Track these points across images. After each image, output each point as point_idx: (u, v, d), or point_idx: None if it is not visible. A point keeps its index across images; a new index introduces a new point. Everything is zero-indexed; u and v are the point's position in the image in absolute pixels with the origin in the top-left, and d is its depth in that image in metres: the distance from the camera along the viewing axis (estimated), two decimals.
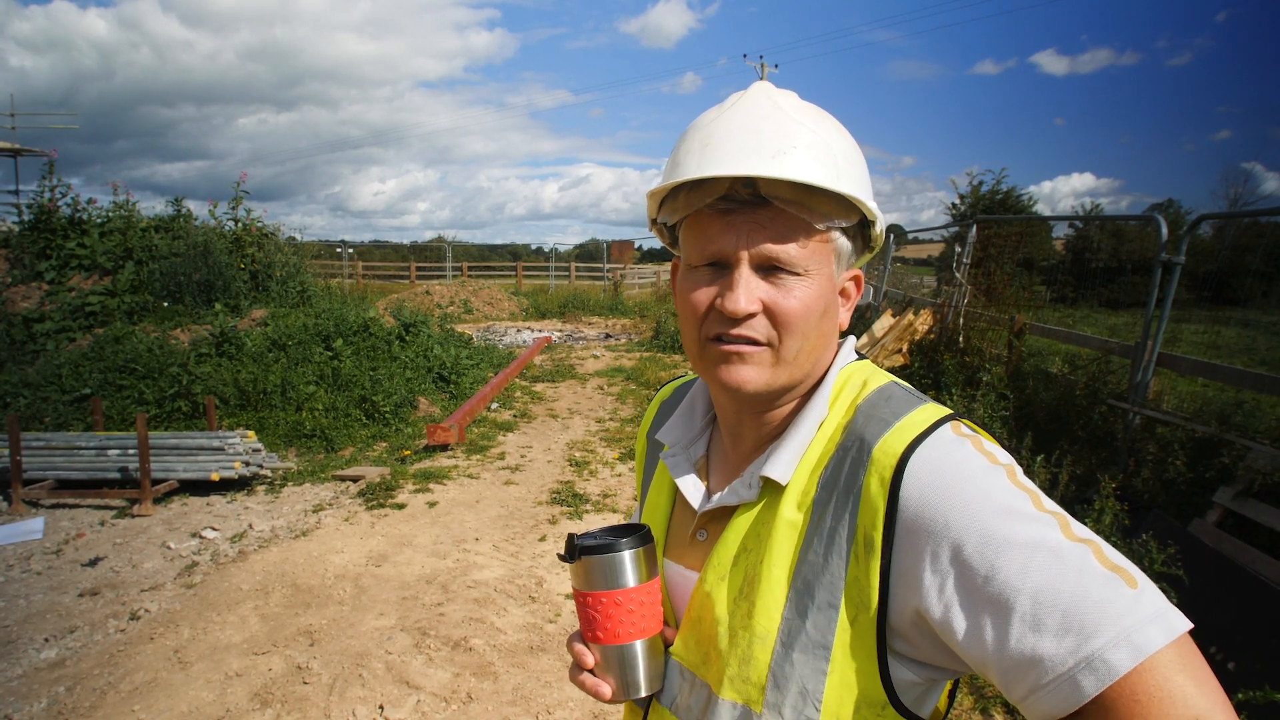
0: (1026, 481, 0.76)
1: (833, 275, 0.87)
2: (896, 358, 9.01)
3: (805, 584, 0.82)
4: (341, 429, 8.36)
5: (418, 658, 3.88)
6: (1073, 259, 30.72)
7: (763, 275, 0.83)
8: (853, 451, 0.82)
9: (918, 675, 0.81)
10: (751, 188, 0.81)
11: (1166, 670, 0.63)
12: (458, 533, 5.63)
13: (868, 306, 12.94)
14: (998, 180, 26.72)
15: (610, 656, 0.92)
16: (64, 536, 5.74)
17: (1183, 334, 14.12)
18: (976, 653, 0.71)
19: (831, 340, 0.91)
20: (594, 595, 0.91)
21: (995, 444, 0.81)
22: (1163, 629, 0.65)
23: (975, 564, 0.71)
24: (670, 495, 1.04)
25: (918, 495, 0.75)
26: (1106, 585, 0.67)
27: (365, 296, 17.33)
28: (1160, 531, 3.91)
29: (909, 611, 0.76)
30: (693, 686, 0.91)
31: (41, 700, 3.61)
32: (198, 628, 4.23)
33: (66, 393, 8.57)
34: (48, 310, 10.61)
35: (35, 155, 14.75)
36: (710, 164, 0.81)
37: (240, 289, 11.31)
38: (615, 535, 0.93)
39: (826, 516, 0.82)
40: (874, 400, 0.86)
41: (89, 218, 11.82)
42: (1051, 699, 0.66)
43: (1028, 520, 0.71)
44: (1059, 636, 0.66)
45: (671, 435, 1.05)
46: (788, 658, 0.81)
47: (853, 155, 0.86)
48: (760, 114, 0.84)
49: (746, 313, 0.82)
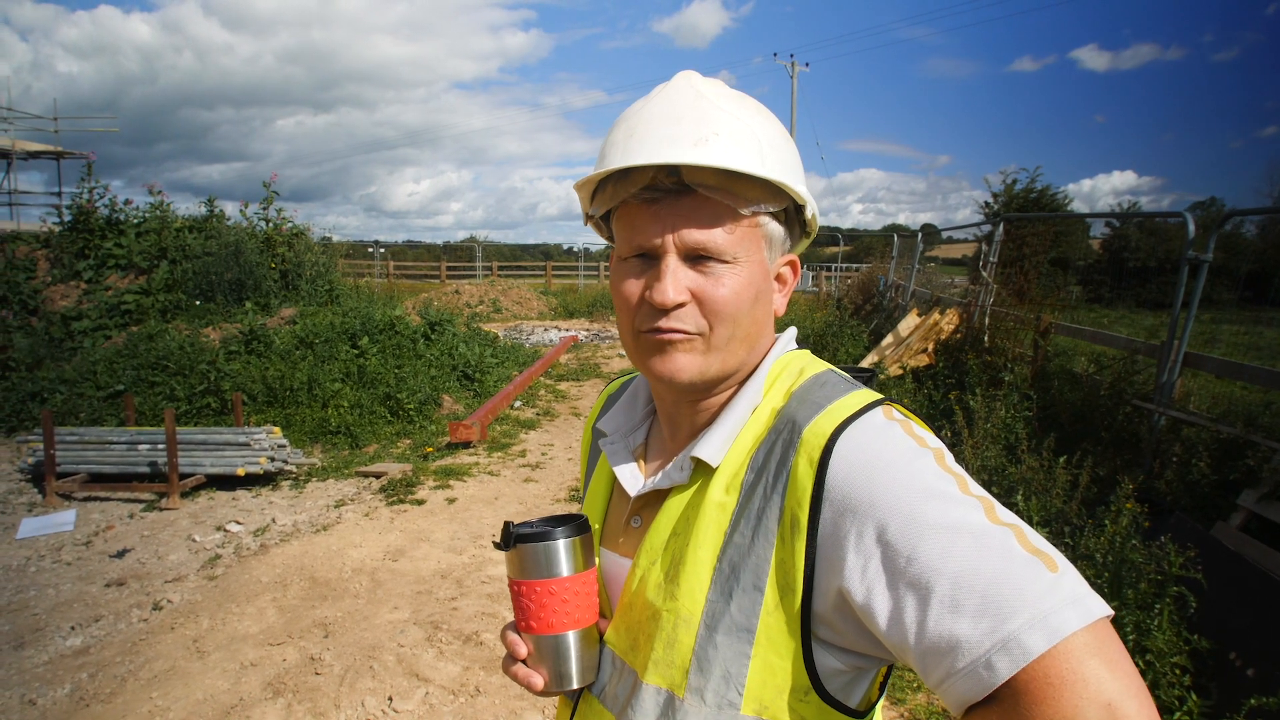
0: (955, 466, 0.76)
1: (764, 262, 0.86)
2: (922, 357, 8.92)
3: (731, 566, 0.81)
4: (366, 426, 8.46)
5: (429, 651, 3.92)
6: (1110, 259, 30.18)
7: (691, 264, 0.83)
8: (784, 434, 0.82)
9: (842, 663, 0.80)
10: (675, 176, 0.81)
11: (1081, 654, 0.62)
12: (475, 529, 5.68)
13: (892, 306, 12.82)
14: (1032, 179, 26.30)
15: (544, 647, 0.91)
16: (94, 528, 5.88)
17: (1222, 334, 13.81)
18: (897, 636, 0.70)
19: (765, 327, 0.91)
20: (528, 584, 0.90)
21: (927, 429, 0.81)
22: (1079, 613, 0.64)
23: (898, 545, 0.70)
24: (609, 484, 1.04)
25: (845, 476, 0.75)
26: (1026, 568, 0.66)
27: (394, 295, 17.51)
28: (1181, 534, 3.83)
29: (833, 594, 0.75)
30: (621, 673, 0.90)
31: (65, 686, 3.71)
32: (217, 618, 4.31)
33: (101, 389, 8.78)
34: (85, 309, 10.88)
35: (77, 158, 15.12)
36: (633, 154, 0.81)
37: (270, 288, 11.49)
38: (552, 524, 0.92)
39: (755, 498, 0.81)
40: (808, 386, 0.86)
41: (126, 218, 12.10)
42: (967, 682, 0.66)
43: (953, 503, 0.71)
44: (976, 619, 0.65)
45: (612, 424, 1.05)
46: (711, 640, 0.81)
47: (778, 140, 0.85)
48: (683, 102, 0.83)
49: (675, 303, 0.82)
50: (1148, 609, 3.24)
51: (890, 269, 14.80)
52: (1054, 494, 4.18)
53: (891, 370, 8.81)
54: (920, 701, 3.42)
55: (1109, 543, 3.57)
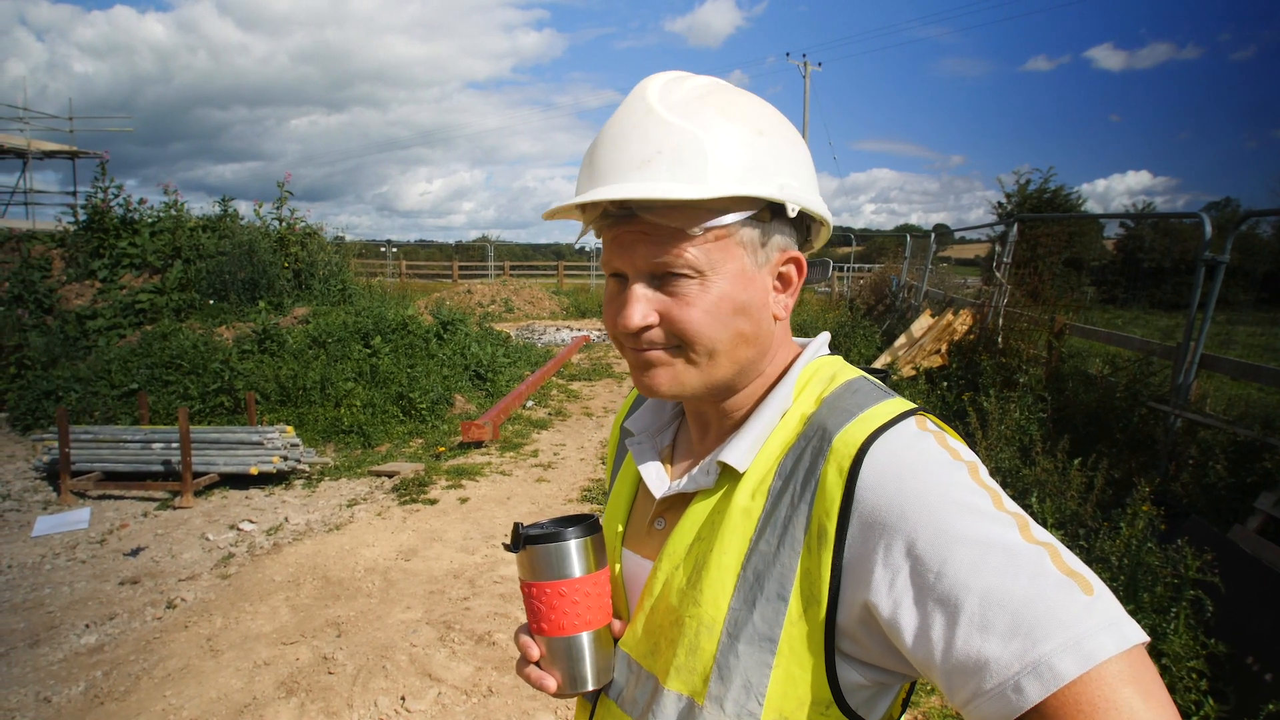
0: (989, 480, 0.75)
1: (743, 270, 0.82)
2: (935, 358, 8.88)
3: (755, 574, 0.80)
4: (378, 425, 8.49)
5: (441, 651, 3.93)
6: (1124, 259, 29.96)
7: (657, 285, 0.82)
8: (814, 441, 0.80)
9: (865, 678, 0.79)
10: (625, 206, 0.80)
11: (1114, 681, 0.61)
12: (487, 529, 5.68)
13: (905, 307, 12.77)
14: (1045, 179, 26.14)
15: (556, 649, 0.90)
16: (108, 527, 5.92)
17: (1238, 336, 13.70)
18: (923, 653, 0.69)
19: (758, 336, 0.86)
20: (538, 585, 0.89)
21: (960, 441, 0.79)
22: (1114, 638, 0.62)
23: (928, 559, 0.69)
24: (634, 484, 1.03)
25: (875, 486, 0.74)
26: (1060, 590, 0.65)
27: (406, 295, 17.55)
28: (1197, 537, 3.79)
29: (858, 607, 0.74)
30: (639, 678, 0.90)
31: (80, 684, 3.73)
32: (230, 617, 4.33)
33: (115, 388, 8.84)
34: (100, 308, 10.95)
35: (92, 158, 15.23)
36: (583, 186, 0.82)
37: (283, 287, 11.54)
38: (562, 525, 0.91)
39: (782, 506, 0.80)
40: (840, 393, 0.84)
41: (140, 218, 12.17)
42: (994, 705, 0.64)
43: (985, 518, 0.70)
44: (1006, 639, 0.64)
45: (640, 424, 1.04)
46: (733, 649, 0.80)
47: (740, 142, 0.80)
48: (630, 122, 0.81)
49: (638, 327, 0.82)
50: (1164, 613, 3.21)
51: (903, 269, 14.75)
52: (1069, 496, 4.15)
53: (905, 371, 8.78)
54: (934, 704, 3.41)
55: (1125, 546, 3.54)
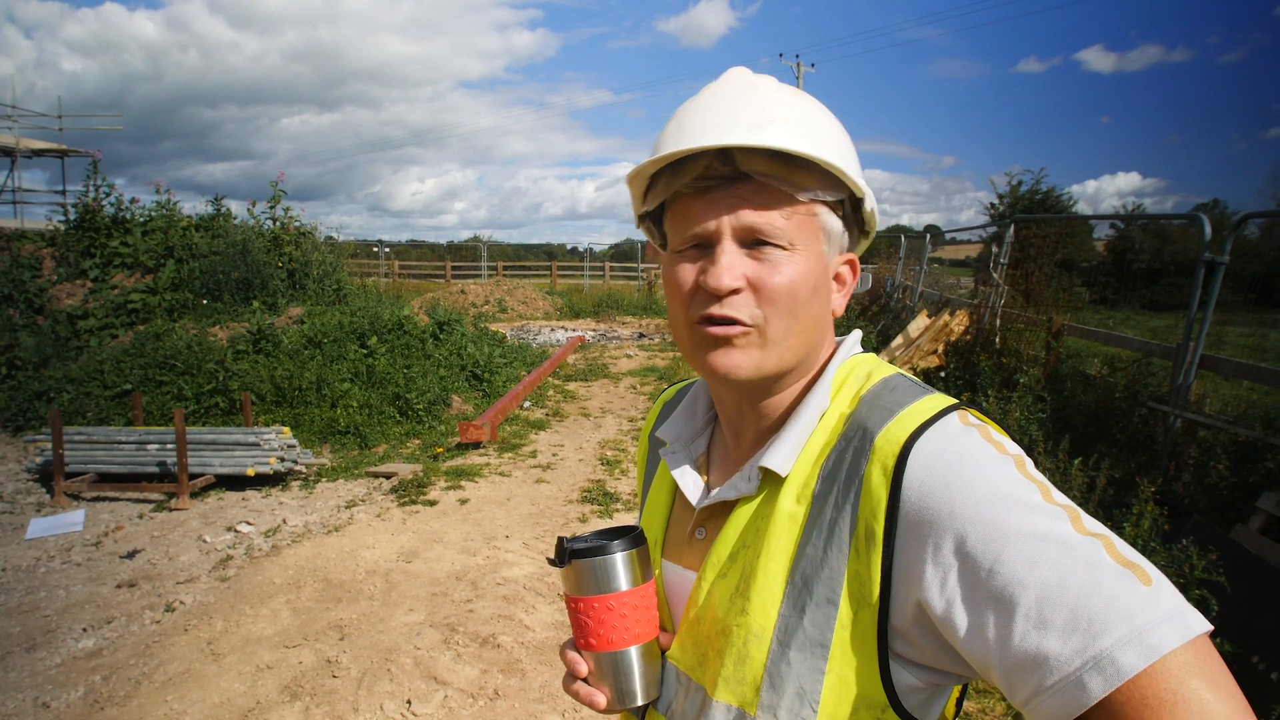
0: (1036, 473, 0.73)
1: (822, 254, 0.84)
2: (932, 359, 8.90)
3: (804, 579, 0.79)
4: (375, 426, 8.45)
5: (446, 654, 3.90)
6: (1114, 260, 30.11)
7: (747, 251, 0.81)
8: (855, 441, 0.79)
9: (920, 679, 0.77)
10: (730, 164, 0.80)
11: (1180, 673, 0.59)
12: (488, 530, 5.66)
13: (889, 299, 12.80)
14: (1037, 180, 26.29)
15: (604, 664, 0.88)
16: (103, 529, 5.87)
17: (1228, 336, 13.77)
18: (979, 651, 0.68)
19: (823, 324, 0.87)
20: (585, 600, 0.87)
21: (1004, 434, 0.78)
22: (1178, 629, 0.61)
23: (979, 556, 0.68)
24: (670, 494, 1.01)
25: (921, 484, 0.72)
26: (1118, 581, 0.63)
27: (401, 295, 17.50)
28: (1201, 537, 3.81)
29: (911, 607, 0.73)
30: (688, 690, 0.88)
31: (79, 689, 3.69)
32: (230, 620, 4.29)
33: (108, 388, 8.78)
34: (91, 307, 10.87)
35: (81, 156, 15.13)
36: (685, 141, 0.80)
37: (278, 287, 11.48)
38: (607, 538, 0.89)
39: (827, 509, 0.79)
40: (878, 390, 0.83)
41: (132, 217, 12.08)
42: (1056, 701, 0.63)
43: (1036, 512, 0.68)
44: (1065, 635, 0.62)
45: (672, 432, 1.02)
46: (784, 656, 0.79)
47: (834, 130, 0.84)
48: (734, 94, 0.83)
49: (730, 288, 0.80)
50: None
51: (897, 270, 14.79)
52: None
53: None
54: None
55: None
